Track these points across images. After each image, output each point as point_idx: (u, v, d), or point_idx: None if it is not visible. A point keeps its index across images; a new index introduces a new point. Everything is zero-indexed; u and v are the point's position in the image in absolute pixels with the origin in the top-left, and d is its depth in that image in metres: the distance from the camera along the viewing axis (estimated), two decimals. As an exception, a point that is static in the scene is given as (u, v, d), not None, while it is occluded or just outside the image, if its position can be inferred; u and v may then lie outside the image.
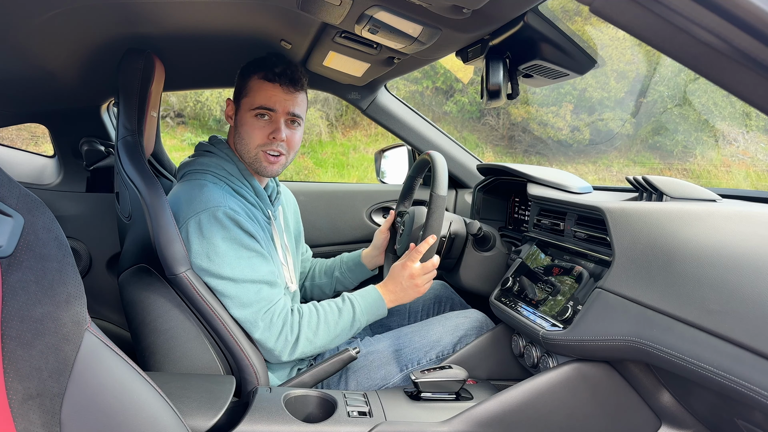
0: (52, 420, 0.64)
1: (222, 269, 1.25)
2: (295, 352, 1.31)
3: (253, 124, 1.39)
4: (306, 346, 1.32)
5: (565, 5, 2.48)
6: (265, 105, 1.37)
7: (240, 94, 1.42)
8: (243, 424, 1.06)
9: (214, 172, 1.37)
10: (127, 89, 1.38)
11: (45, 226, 0.66)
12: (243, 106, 1.41)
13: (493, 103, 1.29)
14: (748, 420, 0.94)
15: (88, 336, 0.68)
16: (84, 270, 1.97)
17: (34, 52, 1.31)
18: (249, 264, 1.28)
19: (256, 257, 1.29)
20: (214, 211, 1.26)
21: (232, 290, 1.26)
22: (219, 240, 1.25)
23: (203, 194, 1.29)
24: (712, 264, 0.93)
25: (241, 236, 1.28)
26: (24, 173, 2.00)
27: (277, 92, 1.38)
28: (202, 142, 1.47)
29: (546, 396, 1.15)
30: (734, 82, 0.58)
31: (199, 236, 1.25)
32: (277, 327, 1.29)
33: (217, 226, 1.26)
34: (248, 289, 1.27)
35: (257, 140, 1.39)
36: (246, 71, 1.41)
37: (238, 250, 1.27)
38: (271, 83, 1.37)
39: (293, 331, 1.31)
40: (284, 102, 1.39)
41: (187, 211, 1.28)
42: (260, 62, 1.40)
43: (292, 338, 1.30)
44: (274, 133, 1.39)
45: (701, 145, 8.11)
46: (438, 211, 1.37)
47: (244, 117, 1.40)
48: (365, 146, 9.04)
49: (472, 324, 1.48)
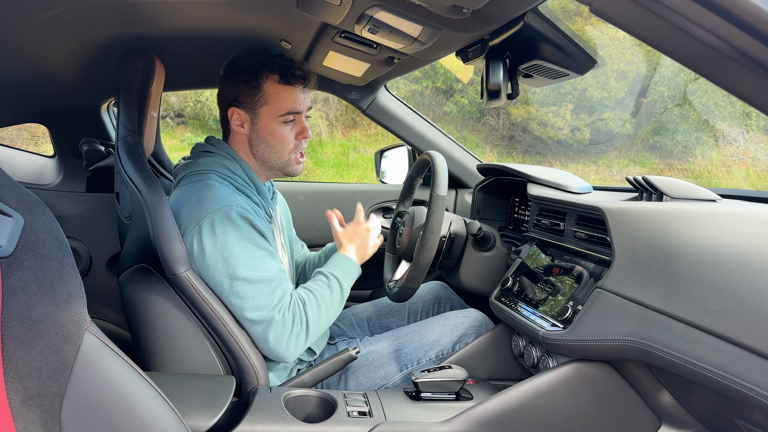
0: (52, 420, 0.64)
1: (238, 270, 1.23)
2: (307, 340, 1.30)
3: (283, 131, 1.38)
4: (315, 331, 1.31)
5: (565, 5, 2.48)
6: (293, 110, 1.37)
7: (254, 102, 1.35)
8: (243, 424, 1.06)
9: (218, 172, 1.34)
10: (127, 89, 1.37)
11: (45, 226, 0.66)
12: (264, 114, 1.36)
13: (493, 103, 1.29)
14: (748, 420, 0.94)
15: (88, 336, 0.68)
16: (84, 270, 1.97)
17: (35, 52, 1.31)
18: (263, 264, 1.26)
19: (268, 256, 1.29)
20: (227, 210, 1.24)
21: (248, 291, 1.24)
22: (233, 240, 1.24)
23: (213, 194, 1.27)
24: (712, 264, 0.93)
25: (253, 235, 1.27)
26: (24, 173, 2.00)
27: (298, 94, 1.37)
28: (200, 143, 1.45)
29: (546, 396, 1.15)
30: (734, 82, 0.58)
31: (212, 237, 1.23)
32: (288, 323, 1.27)
33: (230, 225, 1.24)
34: (263, 290, 1.25)
35: (290, 146, 1.40)
36: (250, 74, 1.34)
37: (252, 249, 1.25)
38: (292, 86, 1.36)
39: (302, 322, 1.29)
40: (305, 101, 1.40)
41: (199, 212, 1.25)
42: (265, 64, 1.34)
43: (303, 328, 1.29)
44: (303, 133, 1.41)
45: (701, 145, 8.12)
46: (438, 211, 1.37)
47: (268, 126, 1.37)
48: (365, 146, 9.04)
49: (471, 323, 1.48)
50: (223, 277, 1.24)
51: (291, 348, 1.28)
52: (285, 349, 1.28)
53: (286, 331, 1.26)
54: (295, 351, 1.29)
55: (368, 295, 2.26)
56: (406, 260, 1.62)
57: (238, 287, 1.24)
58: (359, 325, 1.70)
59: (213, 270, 1.24)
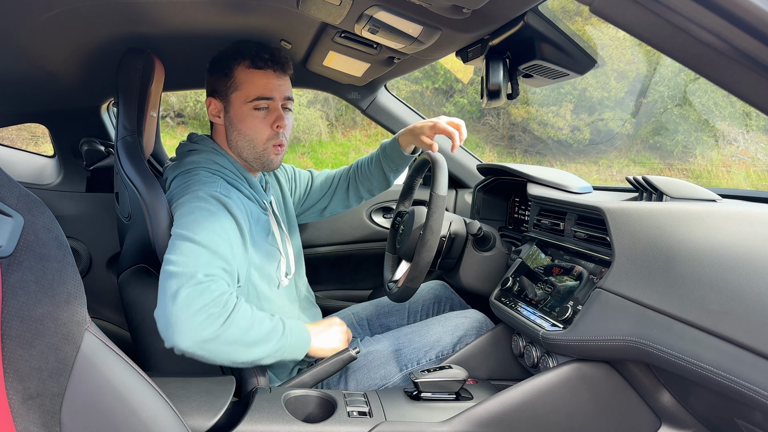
0: (52, 420, 0.64)
1: (185, 228, 1.14)
2: (214, 335, 1.06)
3: (254, 117, 1.33)
4: (227, 335, 1.08)
5: (565, 5, 2.48)
6: (264, 95, 1.32)
7: (227, 89, 1.34)
8: (243, 424, 1.06)
9: (206, 167, 1.32)
10: (126, 89, 1.37)
11: (45, 226, 0.66)
12: (235, 100, 1.33)
13: (493, 103, 1.29)
14: (748, 420, 0.94)
15: (88, 336, 0.68)
16: (84, 270, 1.97)
17: (35, 52, 1.31)
18: (214, 238, 1.14)
19: (224, 238, 1.16)
20: (196, 191, 1.22)
21: (184, 247, 1.11)
22: (194, 209, 1.18)
23: (192, 182, 1.26)
24: (712, 264, 0.93)
25: (221, 214, 1.18)
26: (24, 173, 2.00)
27: (270, 79, 1.32)
28: (183, 142, 1.42)
29: (546, 396, 1.15)
30: (734, 82, 0.58)
31: (178, 212, 1.20)
32: (209, 295, 1.07)
33: (198, 201, 1.19)
34: (201, 253, 1.11)
35: (264, 134, 1.34)
36: (223, 65, 1.34)
37: (211, 221, 1.16)
38: (262, 71, 1.31)
39: (226, 312, 1.09)
40: (279, 88, 1.34)
41: (174, 201, 1.24)
42: (237, 52, 1.33)
43: (220, 318, 1.08)
44: (277, 122, 1.34)
45: (701, 145, 8.12)
46: (438, 211, 1.37)
47: (240, 112, 1.33)
48: (365, 146, 9.05)
49: (471, 324, 1.48)
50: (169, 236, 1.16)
51: (194, 324, 1.04)
52: (186, 320, 1.04)
53: (201, 300, 1.05)
54: (194, 333, 1.04)
55: (368, 295, 2.26)
56: (406, 260, 1.62)
57: (176, 241, 1.13)
58: (359, 324, 1.70)
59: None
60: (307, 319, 1.51)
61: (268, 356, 1.17)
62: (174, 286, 1.07)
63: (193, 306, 1.05)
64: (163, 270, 1.11)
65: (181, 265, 1.09)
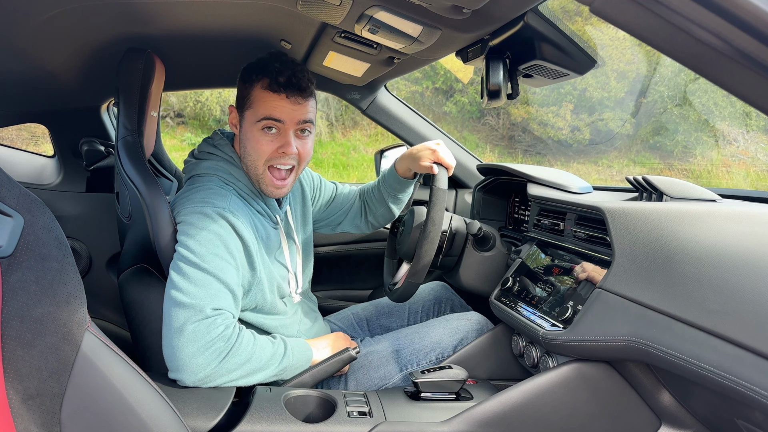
0: (52, 420, 0.64)
1: (185, 247, 1.15)
2: (218, 369, 1.11)
3: (259, 138, 1.28)
4: (230, 365, 1.13)
5: (565, 5, 2.48)
6: (271, 116, 1.26)
7: (243, 105, 1.31)
8: (243, 424, 1.06)
9: (221, 177, 1.31)
10: (127, 89, 1.37)
11: (45, 226, 0.66)
12: (247, 118, 1.29)
13: (493, 103, 1.29)
14: (748, 420, 0.94)
15: (88, 336, 0.68)
16: (84, 270, 1.98)
17: (34, 52, 1.31)
18: (218, 264, 1.16)
19: (230, 263, 1.18)
20: (203, 207, 1.22)
21: (186, 269, 1.13)
22: (202, 229, 1.18)
23: (203, 194, 1.26)
24: (712, 264, 0.93)
25: (228, 236, 1.19)
26: (24, 173, 2.00)
27: (283, 103, 1.26)
28: (204, 143, 1.41)
29: (546, 396, 1.15)
30: (734, 82, 0.58)
31: (184, 223, 1.21)
32: (215, 330, 1.11)
33: (205, 220, 1.19)
34: (209, 282, 1.14)
35: (264, 154, 1.28)
36: (247, 77, 1.30)
37: (218, 245, 1.17)
38: (276, 94, 1.25)
39: (230, 346, 1.12)
40: (292, 112, 1.27)
41: (181, 209, 1.24)
42: (262, 67, 1.28)
43: (225, 352, 1.12)
44: (283, 148, 1.28)
45: (701, 145, 8.12)
46: (439, 203, 1.36)
47: (249, 131, 1.29)
48: (365, 146, 9.05)
49: (472, 326, 1.48)
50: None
51: (199, 362, 1.09)
52: (191, 357, 1.08)
53: (207, 337, 1.10)
54: (199, 370, 1.09)
55: (368, 295, 2.26)
56: (407, 260, 1.62)
57: (183, 264, 1.14)
58: (359, 325, 1.70)
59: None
60: (310, 322, 1.51)
61: (272, 378, 1.23)
62: (181, 319, 1.10)
63: (199, 342, 1.10)
64: (170, 296, 1.13)
65: (190, 296, 1.12)
